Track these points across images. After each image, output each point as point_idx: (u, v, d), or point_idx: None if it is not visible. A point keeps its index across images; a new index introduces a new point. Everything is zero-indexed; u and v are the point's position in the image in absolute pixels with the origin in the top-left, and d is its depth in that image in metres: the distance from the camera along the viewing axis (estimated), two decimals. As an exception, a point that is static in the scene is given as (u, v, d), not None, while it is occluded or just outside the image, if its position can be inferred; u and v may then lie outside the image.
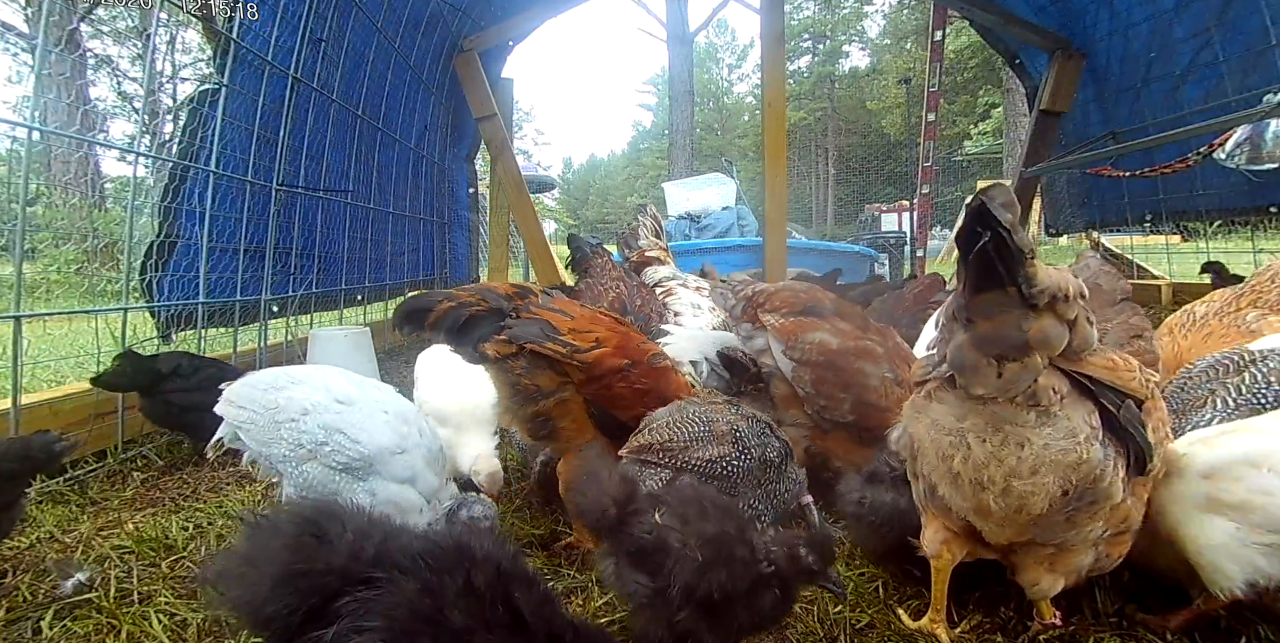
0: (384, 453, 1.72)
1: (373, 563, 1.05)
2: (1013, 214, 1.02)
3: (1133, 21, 5.24)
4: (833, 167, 39.70)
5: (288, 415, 1.71)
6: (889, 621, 1.50)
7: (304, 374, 1.85)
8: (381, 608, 0.99)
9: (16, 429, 2.25)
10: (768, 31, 5.17)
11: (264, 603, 1.02)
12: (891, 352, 2.12)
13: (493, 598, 1.04)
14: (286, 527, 1.11)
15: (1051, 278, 1.06)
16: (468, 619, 1.00)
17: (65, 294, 7.20)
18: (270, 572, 1.03)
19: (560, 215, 46.92)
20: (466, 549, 1.11)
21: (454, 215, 7.69)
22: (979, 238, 1.04)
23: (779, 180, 5.25)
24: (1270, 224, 5.10)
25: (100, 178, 10.15)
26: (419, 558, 1.07)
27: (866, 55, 43.28)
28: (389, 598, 1.00)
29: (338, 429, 1.70)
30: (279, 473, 1.73)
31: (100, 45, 17.59)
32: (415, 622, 0.99)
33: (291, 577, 1.03)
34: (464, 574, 1.05)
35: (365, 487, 1.70)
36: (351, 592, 1.01)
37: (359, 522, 1.15)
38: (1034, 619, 1.43)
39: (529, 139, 48.21)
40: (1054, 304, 1.07)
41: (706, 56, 48.13)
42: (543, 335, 1.77)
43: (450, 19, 5.86)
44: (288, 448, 1.69)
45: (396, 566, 1.05)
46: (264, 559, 1.06)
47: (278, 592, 1.02)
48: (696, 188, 11.84)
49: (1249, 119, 3.73)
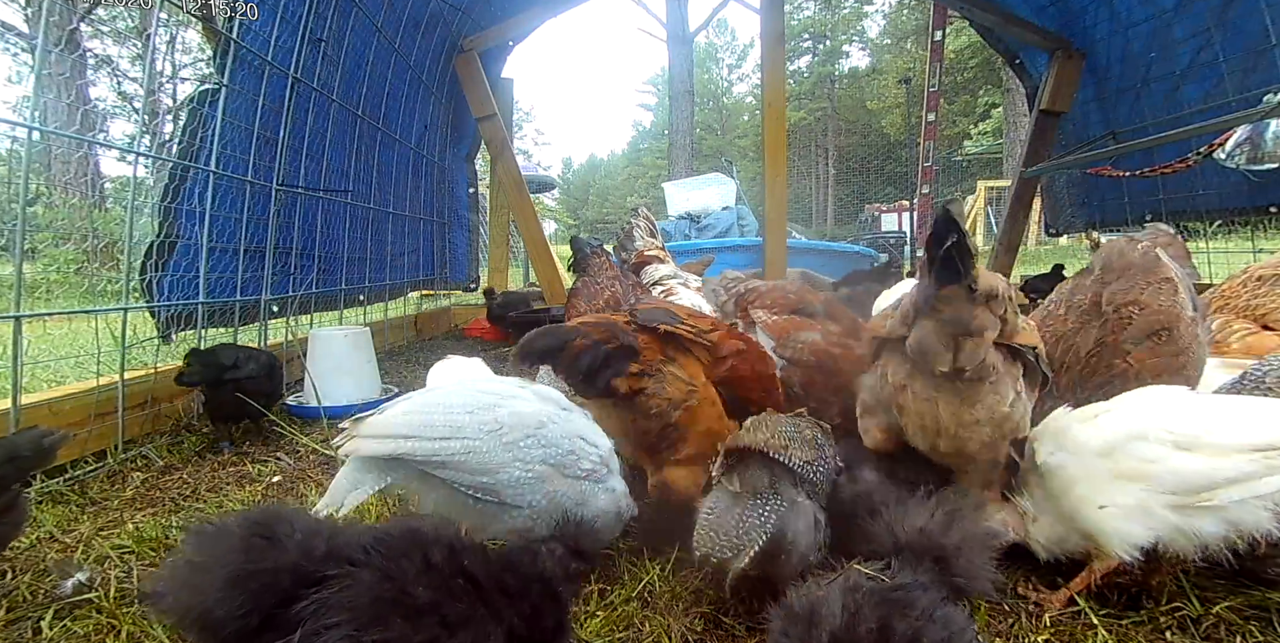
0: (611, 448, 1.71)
1: (324, 560, 1.06)
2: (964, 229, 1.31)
3: (1133, 21, 5.24)
4: (833, 166, 39.71)
5: (521, 432, 1.51)
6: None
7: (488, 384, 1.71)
8: (342, 602, 0.99)
9: (16, 429, 2.25)
10: (768, 31, 5.17)
11: (214, 606, 0.99)
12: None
13: (450, 571, 1.09)
14: (234, 531, 1.10)
15: (988, 280, 1.38)
16: (432, 594, 1.04)
17: (65, 294, 7.20)
18: (220, 575, 1.02)
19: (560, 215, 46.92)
20: (417, 532, 1.15)
21: (454, 215, 7.69)
22: (945, 241, 1.30)
23: (779, 180, 5.25)
24: (1270, 224, 5.10)
25: (100, 178, 10.15)
26: (370, 548, 1.08)
27: (866, 55, 43.31)
28: (348, 592, 1.01)
29: (578, 435, 1.61)
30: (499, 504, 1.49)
31: (100, 45, 17.60)
32: (380, 606, 1.00)
33: (242, 578, 1.02)
34: (420, 554, 1.09)
35: (605, 487, 1.65)
36: (307, 595, 1.01)
37: (307, 522, 1.15)
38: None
39: (529, 139, 48.29)
40: (988, 301, 1.40)
41: (706, 56, 48.13)
42: (672, 317, 1.81)
43: (450, 19, 5.86)
44: (524, 469, 1.48)
45: (349, 559, 1.06)
46: (213, 564, 1.04)
47: (228, 593, 1.00)
48: (696, 188, 11.84)
49: (1249, 119, 3.73)
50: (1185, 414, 1.40)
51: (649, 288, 3.26)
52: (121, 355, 2.82)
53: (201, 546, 1.09)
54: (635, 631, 1.49)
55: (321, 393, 3.46)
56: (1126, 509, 1.38)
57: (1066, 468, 1.48)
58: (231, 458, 2.82)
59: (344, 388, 3.55)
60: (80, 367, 4.15)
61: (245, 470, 2.67)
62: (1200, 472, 1.32)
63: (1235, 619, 1.44)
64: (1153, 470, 1.36)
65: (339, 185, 4.73)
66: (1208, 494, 1.32)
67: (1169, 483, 1.35)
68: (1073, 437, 1.49)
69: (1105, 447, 1.43)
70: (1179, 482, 1.34)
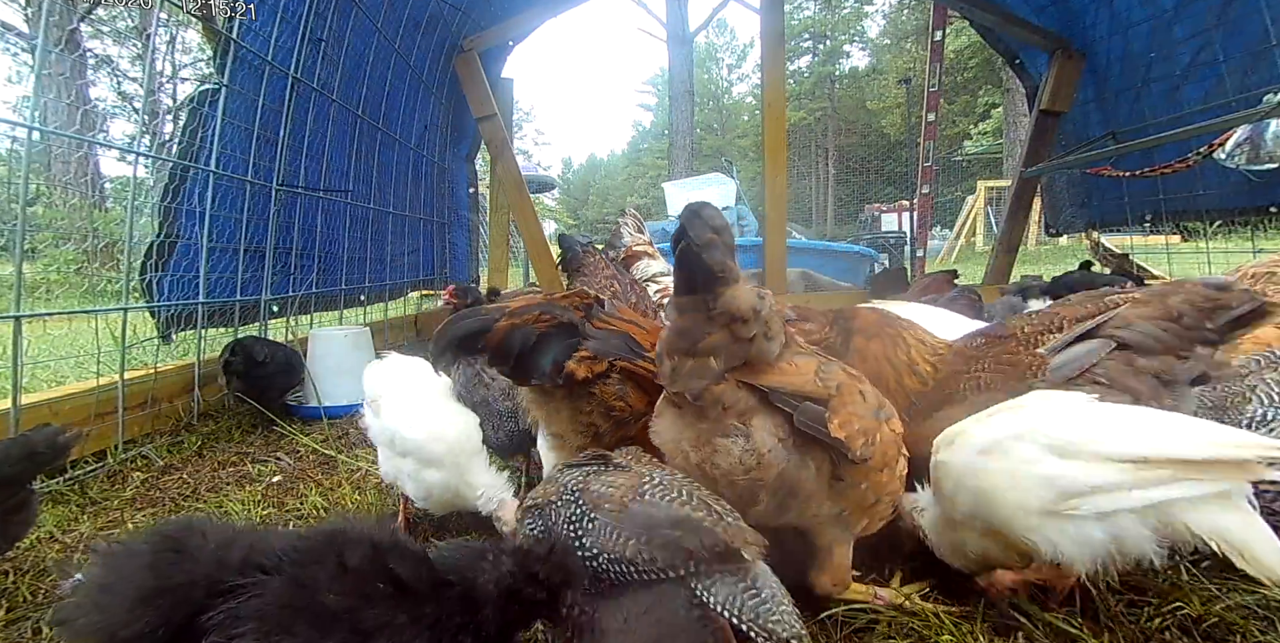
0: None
1: (238, 569, 1.03)
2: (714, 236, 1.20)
3: (1133, 21, 5.24)
4: (833, 166, 39.69)
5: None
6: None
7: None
8: (249, 611, 0.97)
9: (16, 430, 2.25)
10: (768, 31, 5.17)
11: (122, 625, 0.98)
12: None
13: (371, 574, 1.04)
14: (143, 548, 1.07)
15: (735, 301, 1.23)
16: (347, 599, 0.99)
17: (65, 294, 7.20)
18: (127, 594, 1.00)
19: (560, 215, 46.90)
20: (336, 535, 1.10)
21: (454, 215, 7.70)
22: (676, 244, 1.22)
23: (779, 180, 5.25)
24: (1270, 224, 5.10)
25: (100, 178, 10.15)
26: (283, 555, 1.05)
27: (866, 55, 43.28)
28: (255, 600, 0.98)
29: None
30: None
31: (100, 45, 17.60)
32: (288, 613, 0.97)
33: (150, 596, 1.00)
34: (335, 558, 1.04)
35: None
36: (216, 604, 0.99)
37: (223, 532, 1.12)
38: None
39: (529, 139, 48.26)
40: (730, 323, 1.25)
41: (706, 56, 48.11)
42: (629, 351, 1.59)
43: (450, 19, 5.86)
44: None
45: (260, 567, 1.03)
46: (121, 583, 1.02)
47: (136, 612, 0.98)
48: (696, 188, 11.86)
49: (1249, 119, 3.73)
50: (1070, 420, 1.37)
51: (644, 285, 3.25)
52: (121, 355, 2.83)
53: (108, 566, 1.06)
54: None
55: (322, 393, 3.47)
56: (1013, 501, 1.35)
57: (950, 464, 1.45)
58: (231, 458, 2.82)
59: (344, 388, 3.56)
60: (80, 367, 4.15)
61: (245, 470, 2.67)
62: (1070, 478, 1.29)
63: (1235, 619, 1.44)
64: (1026, 472, 1.33)
65: (339, 185, 4.72)
66: (1075, 501, 1.28)
67: (1042, 487, 1.32)
68: (964, 434, 1.45)
69: (987, 445, 1.40)
70: (1049, 486, 1.31)
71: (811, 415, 1.28)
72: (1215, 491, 1.24)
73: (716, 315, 1.24)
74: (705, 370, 1.27)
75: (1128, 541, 1.28)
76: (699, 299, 1.24)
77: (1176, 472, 1.24)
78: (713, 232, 1.20)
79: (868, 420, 1.36)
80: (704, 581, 1.15)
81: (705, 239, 1.19)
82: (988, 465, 1.38)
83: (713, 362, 1.27)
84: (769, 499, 1.34)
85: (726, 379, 1.29)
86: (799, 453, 1.32)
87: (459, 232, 7.93)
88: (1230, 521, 1.24)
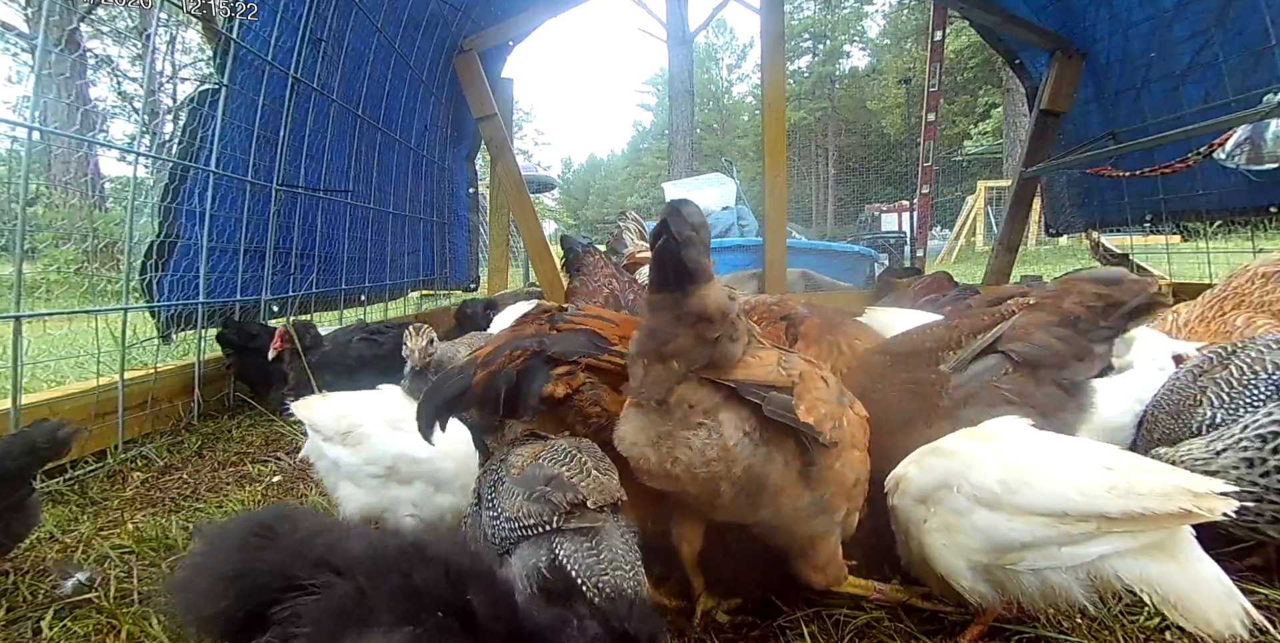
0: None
1: (315, 565, 1.03)
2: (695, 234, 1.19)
3: (1133, 21, 5.24)
4: (833, 167, 39.70)
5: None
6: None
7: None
8: (311, 613, 0.97)
9: (16, 429, 2.25)
10: (768, 31, 5.17)
11: (204, 604, 1.02)
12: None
13: (444, 595, 1.01)
14: (238, 529, 1.11)
15: (705, 301, 1.22)
16: (401, 621, 0.96)
17: (65, 294, 7.20)
18: (215, 572, 1.04)
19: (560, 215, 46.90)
20: (411, 550, 1.07)
21: (454, 215, 7.69)
22: (655, 241, 1.21)
23: (779, 180, 5.25)
24: (1270, 224, 5.09)
25: (100, 178, 10.14)
26: (356, 561, 1.04)
27: (866, 55, 43.30)
28: (319, 603, 0.98)
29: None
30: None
31: (100, 45, 17.60)
32: (341, 626, 0.95)
33: (232, 577, 1.03)
34: (401, 576, 1.01)
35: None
36: (286, 598, 1.00)
37: (312, 525, 1.13)
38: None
39: (529, 139, 48.28)
40: (696, 324, 1.24)
41: (706, 56, 48.12)
42: (594, 347, 1.60)
43: (450, 19, 5.86)
44: None
45: (336, 568, 1.02)
46: (212, 562, 1.06)
47: (216, 593, 1.02)
48: (696, 188, 11.85)
49: (1249, 119, 3.73)
50: (996, 465, 1.30)
51: (644, 286, 3.27)
52: (121, 355, 2.83)
53: (206, 545, 1.11)
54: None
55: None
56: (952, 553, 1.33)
57: (898, 510, 1.45)
58: (231, 458, 2.82)
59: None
60: (80, 367, 4.15)
61: (245, 471, 2.67)
62: (1001, 532, 1.25)
63: (1235, 619, 1.44)
64: (961, 525, 1.31)
65: (339, 185, 4.72)
66: (1015, 556, 1.25)
67: (976, 539, 1.29)
68: (904, 480, 1.44)
69: (923, 494, 1.39)
70: (984, 540, 1.27)
71: (779, 404, 1.29)
72: (1143, 544, 1.19)
73: (684, 315, 1.24)
74: (670, 375, 1.29)
75: (1058, 590, 1.24)
76: (671, 297, 1.24)
77: (1100, 526, 1.19)
78: (692, 229, 1.20)
79: (833, 405, 1.38)
80: (562, 536, 1.23)
81: (685, 236, 1.19)
82: (925, 516, 1.37)
83: (676, 365, 1.28)
84: (732, 492, 1.33)
85: (689, 378, 1.30)
86: (766, 446, 1.32)
87: (459, 232, 7.93)
88: (1160, 571, 1.18)
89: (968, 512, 1.30)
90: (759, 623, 1.52)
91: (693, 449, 1.30)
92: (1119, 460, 1.28)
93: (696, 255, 1.20)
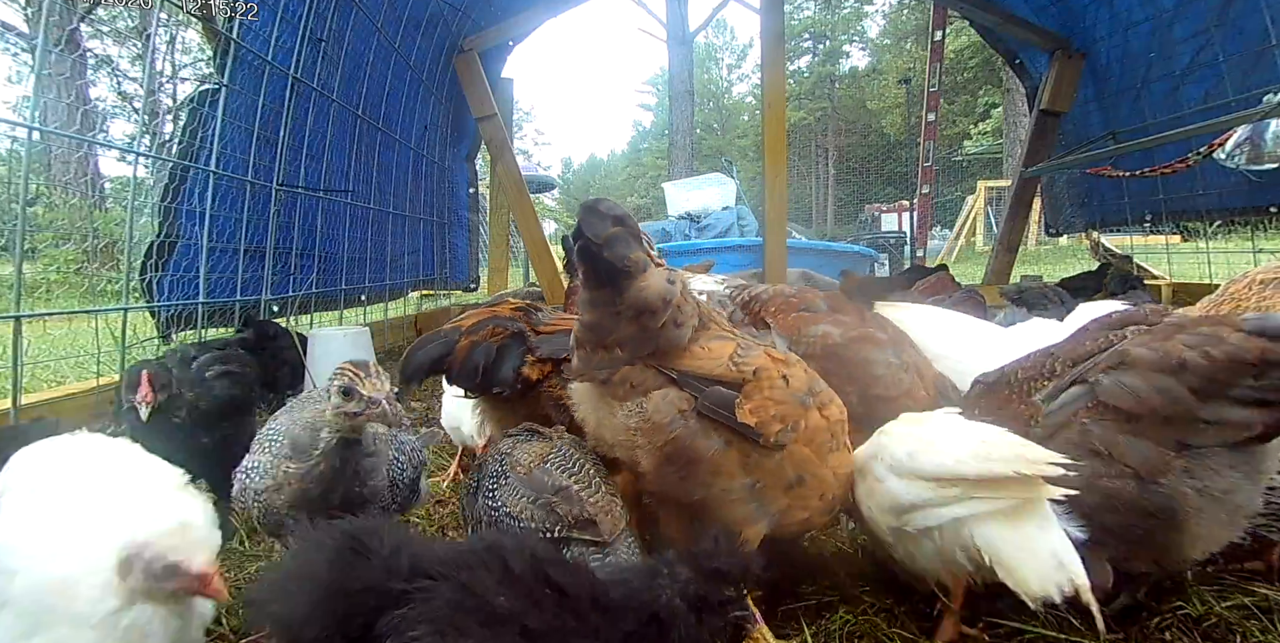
0: None
1: (408, 576, 1.06)
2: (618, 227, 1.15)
3: (1133, 21, 5.24)
4: (833, 167, 39.69)
5: None
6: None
7: None
8: (422, 615, 1.00)
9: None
10: (768, 31, 5.17)
11: (303, 624, 1.02)
12: (894, 338, 2.10)
13: (534, 580, 1.07)
14: (328, 542, 1.11)
15: (644, 294, 1.22)
16: (515, 602, 1.02)
17: (65, 294, 7.20)
18: (310, 589, 1.04)
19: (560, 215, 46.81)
20: (498, 545, 1.13)
21: (454, 215, 7.70)
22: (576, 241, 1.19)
23: (779, 180, 5.25)
24: (1270, 224, 5.10)
25: (100, 178, 10.15)
26: (449, 563, 1.08)
27: (866, 55, 43.28)
28: (426, 606, 1.01)
29: None
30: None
31: (100, 45, 17.61)
32: (460, 616, 1.00)
33: (329, 596, 1.03)
34: (500, 565, 1.08)
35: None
36: (390, 611, 1.02)
37: (396, 537, 1.14)
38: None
39: (529, 139, 48.19)
40: (639, 316, 1.23)
41: (706, 56, 48.10)
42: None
43: (450, 19, 5.86)
44: None
45: (428, 575, 1.06)
46: (306, 575, 1.06)
47: (317, 612, 1.02)
48: (696, 188, 11.83)
49: (1249, 119, 3.73)
50: (907, 440, 1.42)
51: None
52: (121, 355, 2.82)
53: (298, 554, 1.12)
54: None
55: (321, 393, 3.46)
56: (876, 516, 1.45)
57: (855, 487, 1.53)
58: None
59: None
60: (80, 367, 4.15)
61: (245, 470, 2.67)
62: (899, 494, 1.36)
63: (1235, 619, 1.44)
64: (878, 490, 1.43)
65: (339, 185, 4.72)
66: (908, 517, 1.36)
67: (887, 502, 1.40)
68: (858, 457, 1.55)
69: (859, 466, 1.52)
70: (891, 502, 1.39)
71: (716, 400, 1.29)
72: (999, 508, 1.26)
73: (624, 310, 1.24)
74: (613, 361, 1.31)
75: (948, 554, 1.33)
76: (606, 293, 1.24)
77: (964, 490, 1.28)
78: (614, 222, 1.18)
79: (788, 406, 1.36)
80: (570, 544, 1.32)
81: (605, 234, 1.17)
82: (858, 484, 1.50)
83: (619, 352, 1.30)
84: (655, 463, 1.34)
85: (635, 363, 1.33)
86: (701, 424, 1.32)
87: (459, 232, 7.93)
88: (1001, 535, 1.26)
89: (884, 478, 1.41)
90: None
91: (618, 420, 1.34)
92: (997, 436, 1.35)
93: (623, 251, 1.17)
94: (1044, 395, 1.47)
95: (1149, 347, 1.34)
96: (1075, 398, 1.40)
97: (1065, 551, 1.23)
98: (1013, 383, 1.56)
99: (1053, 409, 1.43)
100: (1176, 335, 1.32)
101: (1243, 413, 1.24)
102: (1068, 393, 1.42)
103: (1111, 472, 1.32)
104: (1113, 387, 1.34)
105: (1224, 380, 1.25)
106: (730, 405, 1.28)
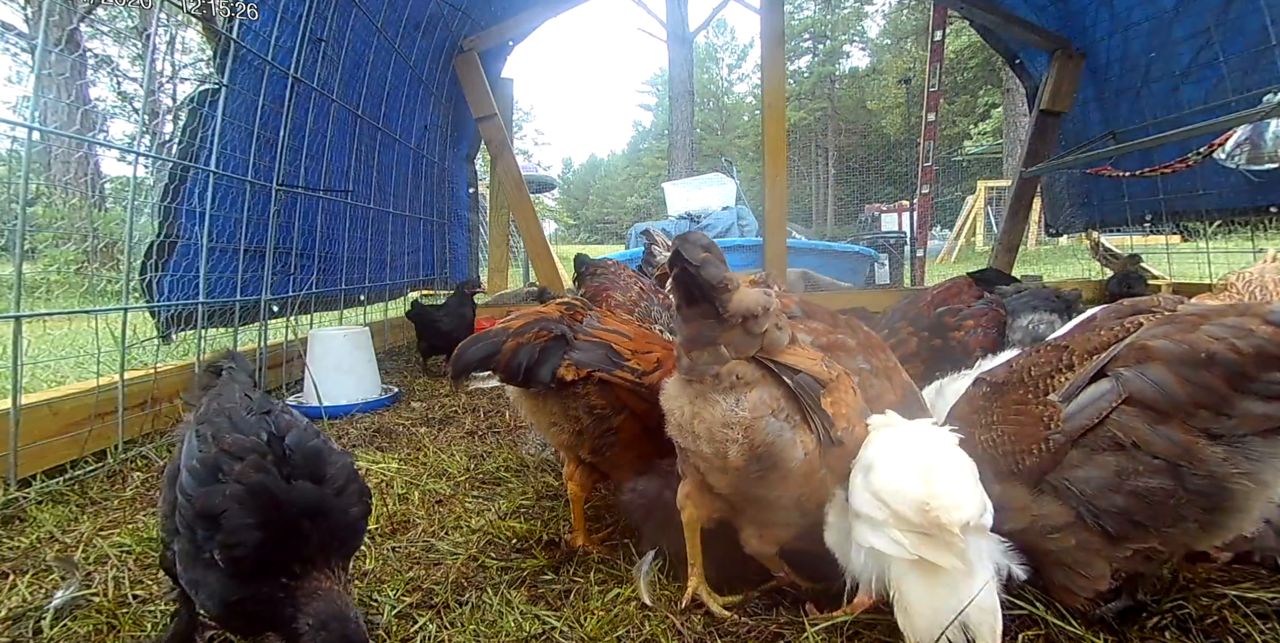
0: None
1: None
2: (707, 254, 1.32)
3: (1133, 21, 5.24)
4: (833, 167, 39.69)
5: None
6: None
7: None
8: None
9: (16, 429, 2.25)
10: (768, 31, 5.17)
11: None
12: (864, 343, 2.08)
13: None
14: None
15: (744, 302, 1.35)
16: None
17: (65, 294, 7.20)
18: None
19: (560, 215, 46.92)
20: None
21: (454, 215, 7.69)
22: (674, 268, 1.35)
23: (779, 180, 5.25)
24: (1270, 224, 5.10)
25: (100, 178, 10.14)
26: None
27: (866, 55, 43.31)
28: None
29: None
30: None
31: (100, 45, 17.60)
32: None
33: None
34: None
35: None
36: None
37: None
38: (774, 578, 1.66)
39: (529, 139, 48.27)
40: (745, 321, 1.36)
41: (706, 56, 48.13)
42: (609, 362, 1.78)
43: (450, 19, 5.86)
44: None
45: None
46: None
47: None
48: (696, 188, 11.84)
49: (1249, 119, 3.73)
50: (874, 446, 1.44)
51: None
52: (121, 355, 2.82)
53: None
54: (635, 629, 1.49)
55: (322, 393, 3.46)
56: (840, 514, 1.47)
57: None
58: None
59: (344, 388, 3.56)
60: (80, 367, 4.15)
61: (245, 470, 2.67)
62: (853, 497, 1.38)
63: (1235, 619, 1.44)
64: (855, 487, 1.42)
65: (339, 185, 4.72)
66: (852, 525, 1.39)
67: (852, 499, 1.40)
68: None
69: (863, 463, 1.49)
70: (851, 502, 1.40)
71: (807, 384, 1.41)
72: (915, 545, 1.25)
73: (730, 316, 1.35)
74: (719, 358, 1.40)
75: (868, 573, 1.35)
76: (704, 308, 1.36)
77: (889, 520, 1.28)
78: (704, 250, 1.34)
79: (854, 413, 1.50)
80: None
81: (699, 258, 1.32)
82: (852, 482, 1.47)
83: (724, 351, 1.40)
84: (742, 460, 1.42)
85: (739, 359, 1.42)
86: (791, 428, 1.42)
87: (459, 232, 7.93)
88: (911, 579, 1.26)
89: (853, 476, 1.43)
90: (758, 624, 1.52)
91: (718, 409, 1.42)
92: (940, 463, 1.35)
93: (716, 272, 1.33)
94: (1061, 394, 1.35)
95: (1172, 339, 1.24)
96: (1099, 396, 1.30)
97: (980, 610, 1.21)
98: (1025, 381, 1.45)
99: (1073, 410, 1.32)
100: (1201, 326, 1.23)
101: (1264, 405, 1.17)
102: (1089, 391, 1.32)
103: (1140, 467, 1.25)
104: (1138, 381, 1.25)
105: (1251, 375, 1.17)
106: (817, 392, 1.43)
